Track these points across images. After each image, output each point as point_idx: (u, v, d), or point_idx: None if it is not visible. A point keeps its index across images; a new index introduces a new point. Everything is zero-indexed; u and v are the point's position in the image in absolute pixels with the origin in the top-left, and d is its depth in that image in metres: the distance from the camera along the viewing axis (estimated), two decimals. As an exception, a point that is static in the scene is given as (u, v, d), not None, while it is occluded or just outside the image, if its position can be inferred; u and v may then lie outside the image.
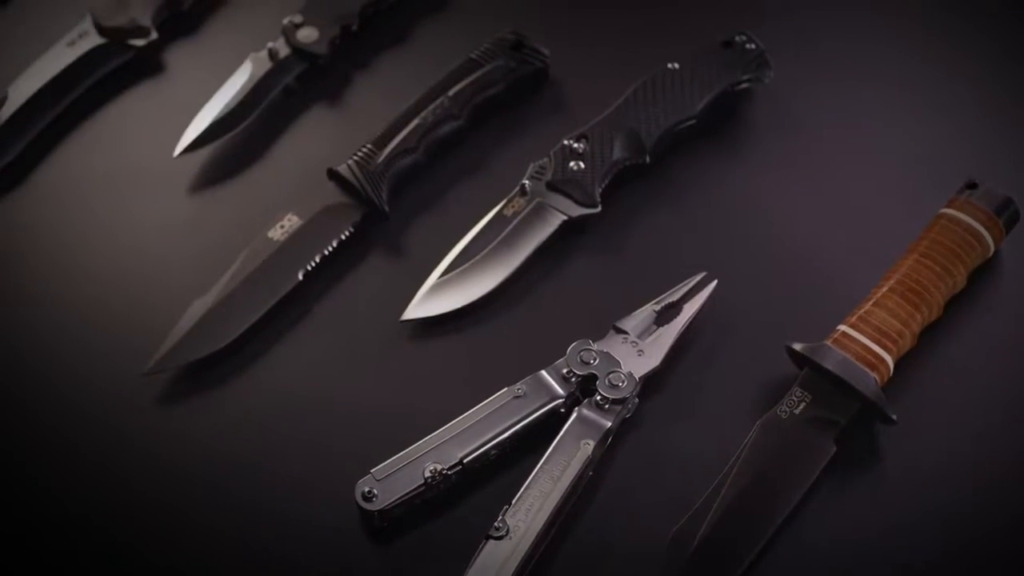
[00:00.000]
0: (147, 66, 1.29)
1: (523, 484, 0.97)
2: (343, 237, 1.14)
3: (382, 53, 1.29)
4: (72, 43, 1.26)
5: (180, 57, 1.30)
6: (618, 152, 1.17)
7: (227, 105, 1.21)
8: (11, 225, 1.20)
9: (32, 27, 1.33)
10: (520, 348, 1.10)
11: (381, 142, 1.17)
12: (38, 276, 1.16)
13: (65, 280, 1.16)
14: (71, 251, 1.18)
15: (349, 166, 1.16)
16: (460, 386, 1.08)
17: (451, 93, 1.20)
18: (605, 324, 1.08)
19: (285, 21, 1.25)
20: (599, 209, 1.15)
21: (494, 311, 1.12)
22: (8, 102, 1.21)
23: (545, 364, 1.06)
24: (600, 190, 1.15)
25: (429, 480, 0.99)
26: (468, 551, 0.95)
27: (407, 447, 1.00)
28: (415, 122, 1.18)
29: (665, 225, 1.18)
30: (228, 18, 1.33)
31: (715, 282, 1.09)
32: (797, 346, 1.04)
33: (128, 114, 1.26)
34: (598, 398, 1.03)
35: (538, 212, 1.15)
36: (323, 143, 1.23)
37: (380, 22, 1.30)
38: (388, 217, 1.15)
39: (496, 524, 0.96)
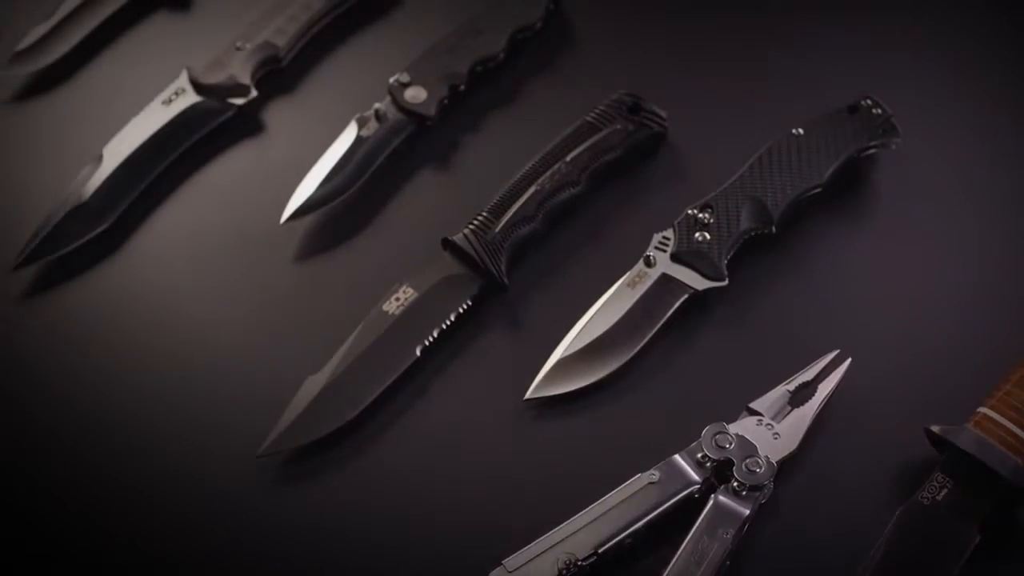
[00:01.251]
0: (247, 125, 1.28)
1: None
2: (461, 310, 1.14)
3: (491, 113, 1.29)
4: (168, 101, 1.26)
5: (281, 115, 1.30)
6: (744, 222, 1.17)
7: (334, 169, 1.21)
8: (108, 294, 1.21)
9: (125, 84, 1.32)
10: (648, 428, 1.10)
11: (498, 210, 1.17)
12: (136, 348, 1.16)
13: (166, 354, 1.16)
14: (172, 322, 1.18)
15: (466, 235, 1.16)
16: (587, 467, 1.09)
17: (569, 158, 1.20)
18: (734, 403, 1.08)
19: (391, 80, 1.25)
20: (726, 282, 1.14)
21: (619, 389, 1.12)
22: (103, 163, 1.21)
23: (673, 444, 1.06)
24: (726, 262, 1.15)
25: (563, 571, 0.99)
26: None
27: (534, 532, 1.00)
28: (532, 189, 1.18)
29: (792, 298, 1.17)
30: (329, 74, 1.33)
31: (848, 360, 1.09)
32: (935, 428, 1.04)
33: (229, 175, 1.26)
34: (735, 484, 1.03)
35: (664, 285, 1.15)
36: (434, 208, 1.22)
37: (488, 81, 1.29)
38: (507, 288, 1.15)
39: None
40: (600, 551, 1.01)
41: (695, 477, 1.04)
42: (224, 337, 1.16)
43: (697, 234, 1.16)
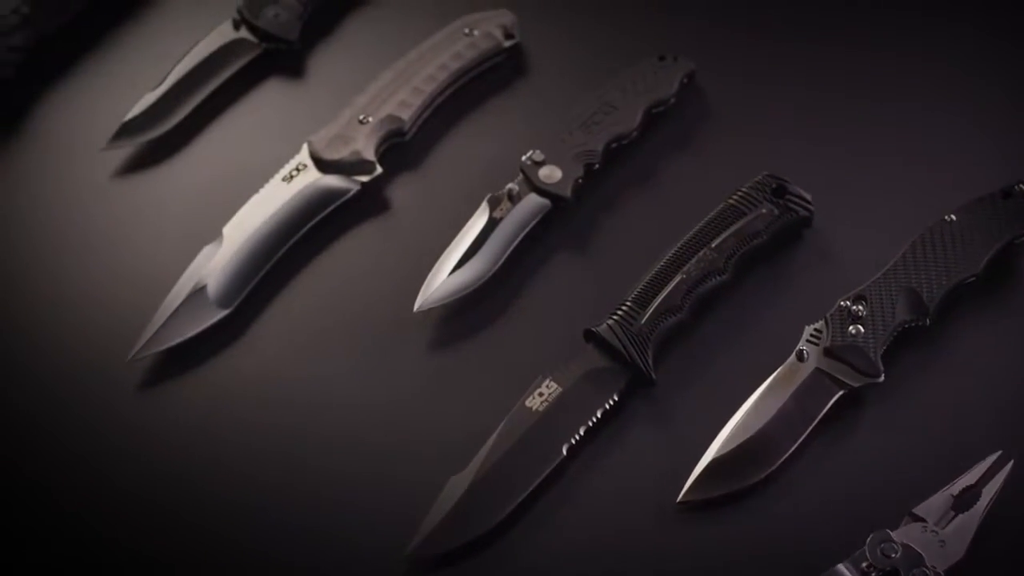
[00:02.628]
0: (372, 203, 1.29)
1: None
2: (607, 406, 1.14)
3: (627, 192, 1.30)
4: (289, 177, 1.27)
5: (406, 192, 1.31)
6: (900, 314, 1.17)
7: (467, 254, 1.21)
8: (229, 385, 1.21)
9: (240, 155, 1.33)
10: (804, 533, 1.10)
11: (642, 299, 1.17)
12: (259, 443, 1.17)
13: (291, 450, 1.17)
14: (298, 415, 1.19)
15: (610, 327, 1.16)
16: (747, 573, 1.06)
17: (714, 244, 1.20)
18: (892, 506, 1.08)
19: (524, 159, 1.25)
20: (882, 378, 1.14)
21: (772, 491, 1.12)
22: (224, 245, 1.21)
23: (832, 551, 1.05)
24: (880, 356, 1.15)
25: None
26: None
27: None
28: (678, 277, 1.18)
29: (948, 394, 1.17)
30: (454, 148, 1.34)
31: (1011, 462, 1.09)
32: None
33: (355, 257, 1.27)
34: (903, 596, 1.02)
35: (817, 381, 1.15)
36: (572, 293, 1.23)
37: (622, 158, 1.30)
38: (654, 383, 1.15)
39: None
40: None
41: (861, 588, 1.03)
42: (355, 432, 1.17)
43: (851, 327, 1.16)
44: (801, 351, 1.16)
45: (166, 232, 1.30)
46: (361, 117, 1.29)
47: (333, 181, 1.27)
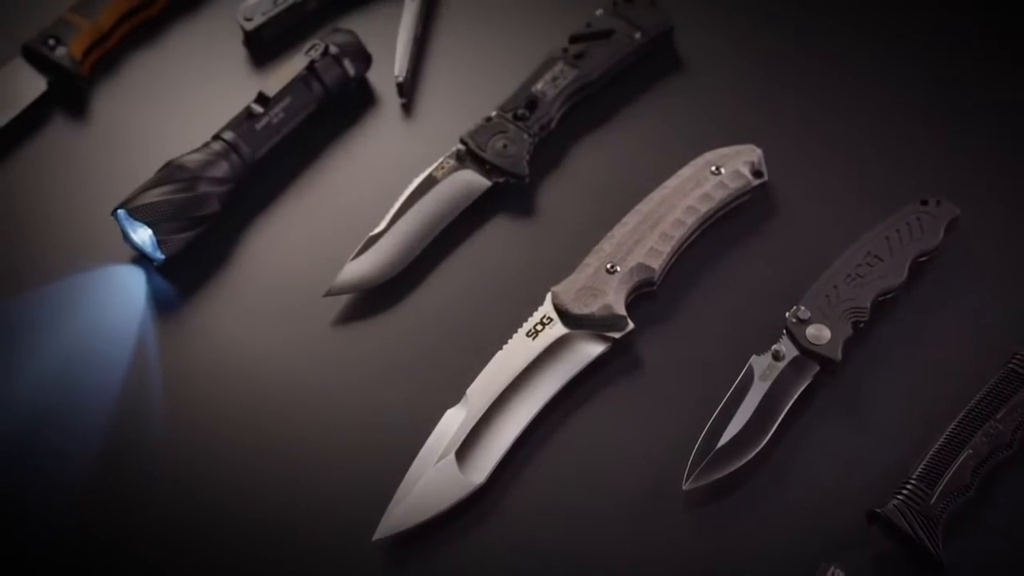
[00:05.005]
0: (622, 359, 1.29)
1: None
2: (897, 595, 1.14)
3: (895, 351, 1.30)
4: (534, 333, 1.28)
5: (658, 347, 1.32)
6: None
7: (736, 422, 1.22)
8: (480, 561, 1.25)
9: (472, 304, 1.35)
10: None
11: (928, 477, 1.18)
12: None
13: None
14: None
15: (897, 508, 1.16)
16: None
17: (999, 416, 1.20)
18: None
19: (789, 316, 1.26)
20: None
21: None
22: (470, 409, 1.23)
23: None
24: None
25: None
26: None
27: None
28: (965, 453, 1.19)
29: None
30: (704, 298, 1.35)
31: None
32: None
33: (608, 421, 1.28)
34: None
35: None
36: (846, 466, 1.24)
37: (887, 313, 1.31)
38: (943, 566, 1.16)
39: None
40: None
41: None
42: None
43: None
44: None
45: (399, 387, 1.31)
46: (609, 266, 1.30)
47: (583, 338, 1.28)
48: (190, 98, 1.53)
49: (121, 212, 1.36)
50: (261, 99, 1.42)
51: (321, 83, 1.44)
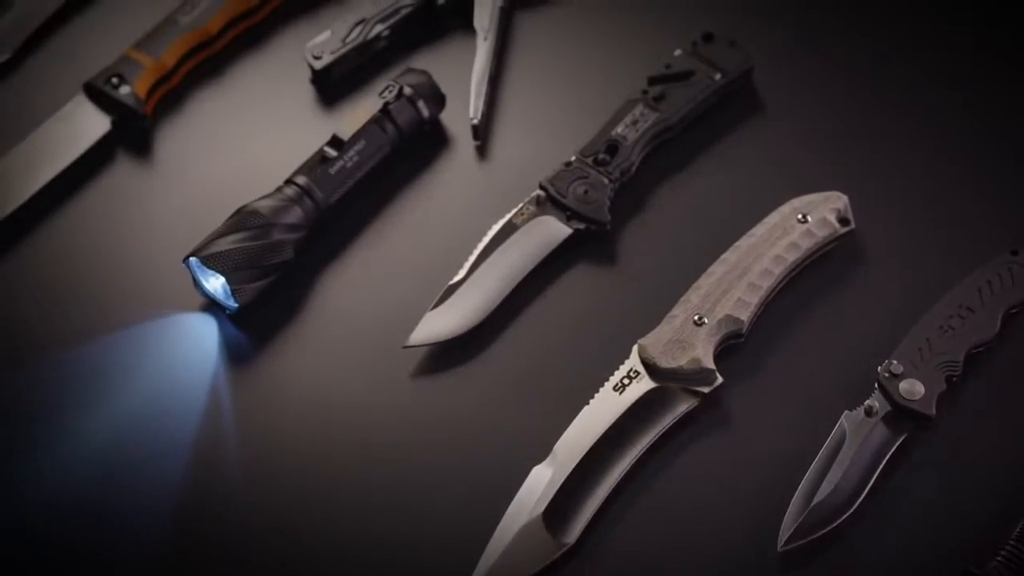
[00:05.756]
0: (712, 413, 1.30)
1: None
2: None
3: (988, 405, 1.30)
4: (621, 387, 1.28)
5: (744, 401, 1.32)
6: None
7: (830, 480, 1.22)
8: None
9: (556, 355, 1.36)
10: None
11: (1031, 539, 1.17)
12: None
13: None
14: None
15: (997, 570, 1.17)
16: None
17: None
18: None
19: (881, 371, 1.27)
20: None
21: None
22: (557, 466, 1.23)
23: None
24: None
25: None
26: None
27: None
28: (1068, 515, 1.18)
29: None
30: (791, 349, 1.35)
31: None
32: None
33: (697, 479, 1.28)
34: None
35: None
36: (938, 524, 1.25)
37: (979, 367, 1.31)
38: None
39: None
40: None
41: None
42: None
43: None
44: None
45: (482, 442, 1.32)
46: (696, 318, 1.31)
47: (671, 392, 1.28)
48: (256, 137, 1.53)
49: (193, 260, 1.36)
50: (335, 142, 1.42)
51: (395, 125, 1.44)
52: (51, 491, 1.33)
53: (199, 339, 1.39)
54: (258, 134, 1.54)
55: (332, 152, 1.42)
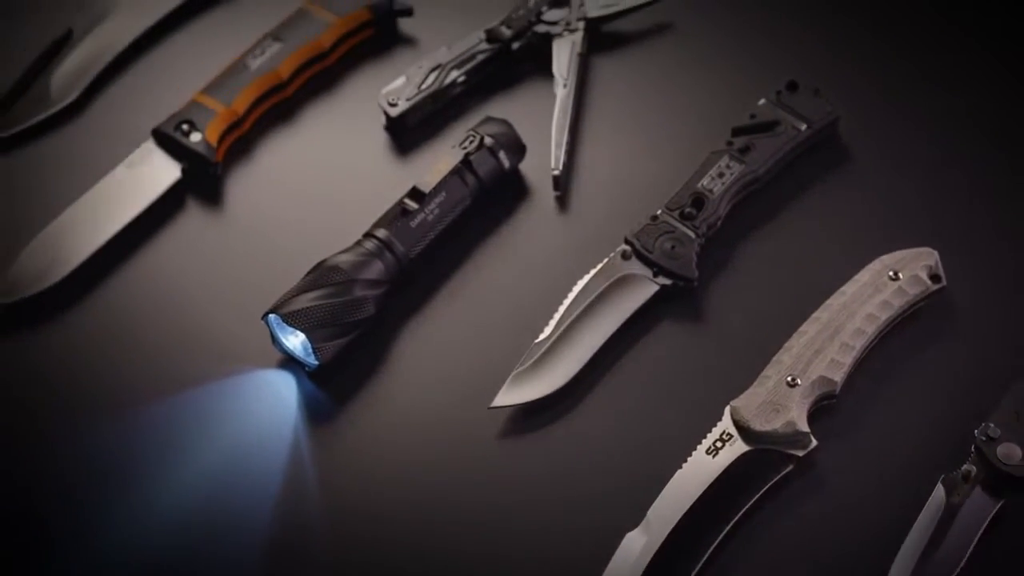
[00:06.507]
0: (806, 480, 1.30)
1: None
2: None
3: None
4: (714, 450, 1.29)
5: (838, 462, 1.32)
6: None
7: (928, 549, 1.22)
8: None
9: (642, 416, 1.37)
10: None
11: None
12: None
13: None
14: None
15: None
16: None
17: None
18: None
19: (978, 434, 1.27)
20: None
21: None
22: (651, 533, 1.23)
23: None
24: None
25: None
26: None
27: None
28: None
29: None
30: (883, 409, 1.36)
31: None
32: None
33: (793, 543, 1.29)
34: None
35: None
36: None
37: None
38: None
39: None
40: None
41: None
42: None
43: None
44: None
45: (572, 506, 1.32)
46: (789, 379, 1.31)
47: (765, 455, 1.29)
48: (329, 185, 1.54)
49: (273, 317, 1.36)
50: (415, 194, 1.42)
51: (476, 176, 1.45)
52: (131, 551, 1.33)
53: (278, 397, 1.40)
54: (331, 181, 1.54)
55: (413, 204, 1.42)
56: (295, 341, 1.38)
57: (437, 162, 1.44)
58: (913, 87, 1.57)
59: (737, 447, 1.30)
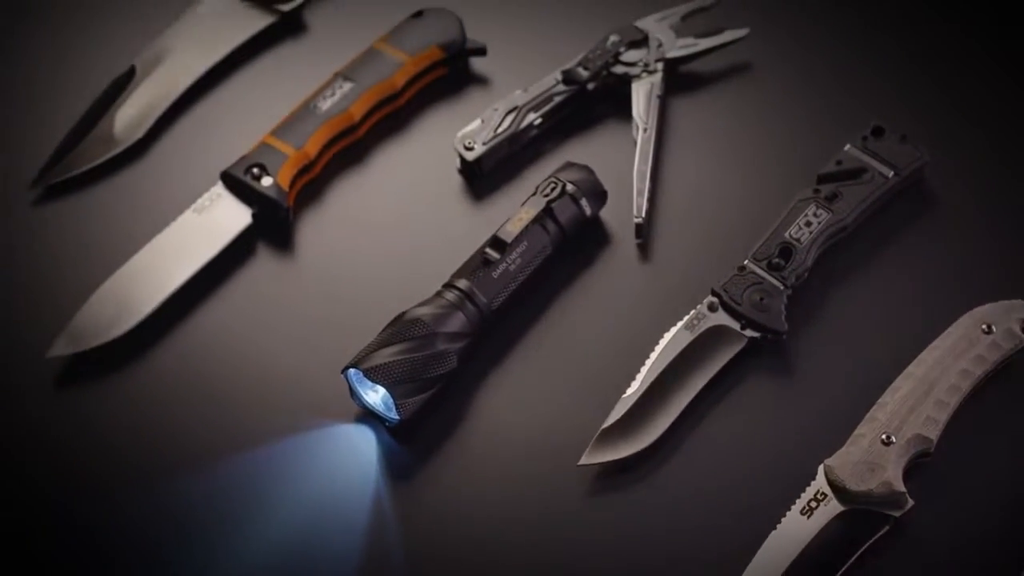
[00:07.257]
0: (902, 538, 1.32)
1: None
2: None
3: None
4: (809, 511, 1.29)
5: (933, 523, 1.33)
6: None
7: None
8: None
9: (732, 472, 1.36)
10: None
11: None
12: None
13: None
14: None
15: None
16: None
17: None
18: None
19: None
20: None
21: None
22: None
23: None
24: None
25: None
26: None
27: None
28: None
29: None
30: (977, 466, 1.36)
31: None
32: None
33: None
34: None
35: None
36: None
37: None
38: None
39: None
40: None
41: None
42: None
43: None
44: None
45: (665, 566, 1.34)
46: (884, 437, 1.30)
47: (861, 516, 1.29)
48: (403, 230, 1.54)
49: (353, 372, 1.36)
50: (497, 244, 1.42)
51: (557, 224, 1.44)
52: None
53: (358, 452, 1.40)
54: (405, 227, 1.54)
55: (494, 254, 1.42)
56: (375, 396, 1.38)
57: (519, 210, 1.43)
58: (1000, 132, 1.56)
59: (832, 507, 1.30)
